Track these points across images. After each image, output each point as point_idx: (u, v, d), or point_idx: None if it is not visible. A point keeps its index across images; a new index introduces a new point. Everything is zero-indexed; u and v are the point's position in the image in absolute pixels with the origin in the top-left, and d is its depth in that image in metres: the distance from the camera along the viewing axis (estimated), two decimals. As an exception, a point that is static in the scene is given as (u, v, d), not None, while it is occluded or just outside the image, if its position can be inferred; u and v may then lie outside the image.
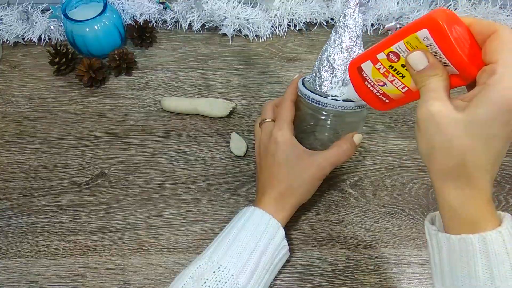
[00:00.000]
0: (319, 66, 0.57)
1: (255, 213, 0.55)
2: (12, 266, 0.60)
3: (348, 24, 0.54)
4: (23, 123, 0.74)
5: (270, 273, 0.54)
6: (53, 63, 0.79)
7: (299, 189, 0.57)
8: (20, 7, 0.84)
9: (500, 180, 0.68)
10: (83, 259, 0.61)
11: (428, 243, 0.43)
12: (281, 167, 0.57)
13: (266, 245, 0.53)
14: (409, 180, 0.68)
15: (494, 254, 0.37)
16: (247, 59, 0.83)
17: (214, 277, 0.49)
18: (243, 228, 0.54)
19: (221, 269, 0.49)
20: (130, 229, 0.63)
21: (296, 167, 0.57)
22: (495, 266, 0.37)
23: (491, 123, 0.36)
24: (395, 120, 0.75)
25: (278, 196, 0.57)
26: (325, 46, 0.57)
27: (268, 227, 0.54)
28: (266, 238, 0.53)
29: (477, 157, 0.37)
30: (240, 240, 0.52)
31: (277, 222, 0.55)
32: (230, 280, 0.49)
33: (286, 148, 0.57)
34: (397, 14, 0.85)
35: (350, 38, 0.54)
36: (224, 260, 0.50)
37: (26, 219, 0.64)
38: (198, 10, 0.84)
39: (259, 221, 0.54)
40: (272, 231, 0.54)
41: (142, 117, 0.75)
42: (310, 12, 0.85)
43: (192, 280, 0.49)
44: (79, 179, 0.68)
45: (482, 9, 0.85)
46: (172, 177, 0.68)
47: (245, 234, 0.53)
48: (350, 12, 0.54)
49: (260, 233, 0.53)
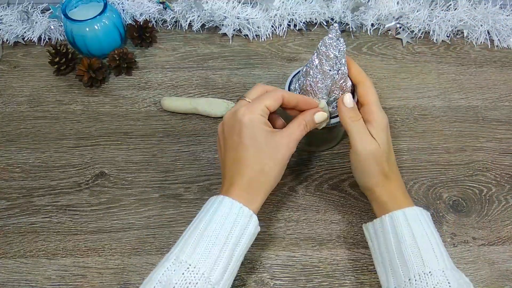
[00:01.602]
0: (303, 88, 0.58)
1: (223, 203, 0.50)
2: (12, 266, 0.60)
3: (329, 54, 0.55)
4: (23, 123, 0.74)
5: (241, 261, 0.51)
6: (53, 63, 0.79)
7: (272, 172, 0.52)
8: (20, 7, 0.84)
9: (500, 180, 0.68)
10: (83, 259, 0.61)
11: (368, 239, 0.56)
12: (249, 149, 0.51)
13: (238, 237, 0.49)
14: (409, 180, 0.68)
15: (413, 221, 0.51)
16: (247, 59, 0.83)
17: (184, 279, 0.45)
18: (211, 220, 0.49)
19: (190, 270, 0.45)
20: (130, 229, 0.63)
21: (266, 148, 0.51)
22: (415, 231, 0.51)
23: (386, 141, 0.56)
24: (394, 120, 0.75)
25: (249, 181, 0.51)
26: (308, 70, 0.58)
27: (239, 217, 0.49)
28: (238, 230, 0.49)
29: (390, 164, 0.56)
30: (209, 234, 0.48)
31: (248, 210, 0.50)
32: (201, 279, 0.45)
33: (253, 127, 0.51)
34: (397, 14, 0.85)
35: (331, 67, 0.56)
36: (192, 258, 0.46)
37: (26, 219, 0.64)
38: (198, 10, 0.84)
39: (228, 212, 0.49)
40: (244, 221, 0.49)
41: (142, 117, 0.75)
42: (310, 12, 0.85)
43: (161, 285, 0.45)
44: (79, 179, 0.68)
45: (482, 9, 0.85)
46: (172, 177, 0.68)
47: (214, 227, 0.48)
48: (331, 42, 0.55)
49: (230, 225, 0.48)
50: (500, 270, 0.60)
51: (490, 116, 0.76)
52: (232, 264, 0.48)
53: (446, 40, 0.86)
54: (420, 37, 0.87)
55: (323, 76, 0.56)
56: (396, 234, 0.51)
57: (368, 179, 0.56)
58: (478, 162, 0.70)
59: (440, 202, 0.66)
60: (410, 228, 0.51)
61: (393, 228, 0.51)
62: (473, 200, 0.66)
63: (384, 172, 0.55)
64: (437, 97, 0.78)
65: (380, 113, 0.56)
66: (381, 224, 0.53)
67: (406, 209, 0.52)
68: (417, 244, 0.49)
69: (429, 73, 0.82)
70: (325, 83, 0.56)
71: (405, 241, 0.50)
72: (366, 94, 0.56)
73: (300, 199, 0.66)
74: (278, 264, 0.61)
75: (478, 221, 0.64)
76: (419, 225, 0.51)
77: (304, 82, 0.58)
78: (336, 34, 0.55)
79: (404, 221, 0.51)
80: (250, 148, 0.51)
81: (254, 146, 0.51)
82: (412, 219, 0.52)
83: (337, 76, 0.56)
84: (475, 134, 0.73)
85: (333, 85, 0.57)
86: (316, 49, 0.56)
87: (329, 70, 0.56)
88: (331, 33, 0.55)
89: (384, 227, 0.52)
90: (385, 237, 0.52)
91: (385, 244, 0.52)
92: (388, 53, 0.85)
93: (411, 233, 0.50)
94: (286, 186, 0.67)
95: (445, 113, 0.76)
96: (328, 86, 0.57)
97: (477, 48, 0.86)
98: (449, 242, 0.62)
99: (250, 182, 0.51)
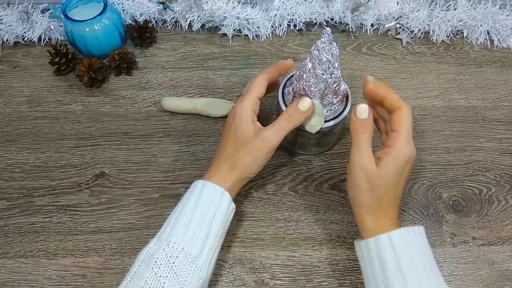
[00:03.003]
0: (296, 91, 0.59)
1: (197, 185, 0.55)
2: (12, 266, 0.60)
3: (322, 58, 0.55)
4: (23, 123, 0.74)
5: (221, 237, 0.55)
6: (53, 63, 0.79)
7: (241, 160, 0.56)
8: (20, 7, 0.84)
9: (499, 180, 0.68)
10: (83, 259, 0.61)
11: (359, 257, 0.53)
12: (230, 138, 0.57)
13: (213, 212, 0.53)
14: (409, 180, 0.68)
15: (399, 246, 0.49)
16: (247, 59, 0.84)
17: (165, 254, 0.49)
18: (187, 201, 0.54)
19: (170, 245, 0.49)
20: (130, 229, 0.63)
21: (244, 140, 0.56)
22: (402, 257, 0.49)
23: (396, 174, 0.52)
24: (395, 120, 0.75)
25: (221, 167, 0.57)
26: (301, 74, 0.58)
27: (210, 194, 0.54)
28: (212, 206, 0.53)
29: (389, 197, 0.52)
30: (185, 213, 0.52)
31: (220, 188, 0.54)
32: (181, 253, 0.49)
33: (240, 120, 0.57)
34: (397, 14, 0.85)
35: (324, 71, 0.56)
36: (172, 236, 0.50)
37: (26, 219, 0.64)
38: (198, 10, 0.84)
39: (200, 191, 0.54)
40: (216, 197, 0.54)
41: (142, 117, 0.75)
42: (310, 12, 0.85)
43: (144, 262, 0.49)
44: (79, 179, 0.68)
45: (482, 9, 0.85)
46: (172, 177, 0.68)
47: (189, 206, 0.53)
48: (324, 46, 0.55)
49: (204, 202, 0.53)
50: (500, 270, 0.60)
51: (490, 116, 0.76)
52: (211, 239, 0.52)
53: (446, 40, 0.86)
54: (420, 37, 0.87)
55: (316, 80, 0.56)
56: (380, 259, 0.49)
57: (355, 196, 0.54)
58: (478, 162, 0.70)
59: (440, 202, 0.66)
60: (395, 253, 0.49)
61: (378, 253, 0.50)
62: (473, 200, 0.67)
63: (375, 196, 0.52)
64: (437, 97, 0.78)
65: (406, 145, 0.51)
66: (366, 247, 0.51)
67: (392, 233, 0.50)
68: (402, 273, 0.48)
69: (429, 73, 0.82)
70: (318, 87, 0.56)
71: (389, 267, 0.49)
72: (400, 122, 0.52)
73: (300, 199, 0.66)
74: (278, 264, 0.61)
75: (478, 221, 0.65)
76: (405, 251, 0.49)
77: (297, 86, 0.58)
78: (328, 38, 0.55)
79: (389, 246, 0.49)
80: (232, 139, 0.57)
81: (235, 137, 0.57)
82: (398, 244, 0.49)
83: (330, 80, 0.56)
84: (475, 134, 0.73)
85: (326, 89, 0.57)
86: (309, 53, 0.56)
87: (322, 74, 0.56)
88: (323, 37, 0.55)
89: (369, 250, 0.51)
90: (370, 261, 0.51)
91: (370, 268, 0.51)
92: (388, 53, 0.85)
93: (396, 260, 0.48)
94: (286, 186, 0.67)
95: (445, 113, 0.76)
96: (321, 90, 0.57)
97: (477, 48, 0.86)
98: (448, 242, 0.63)
99: (224, 167, 0.56)
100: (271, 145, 0.56)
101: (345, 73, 0.79)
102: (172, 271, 0.48)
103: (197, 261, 0.50)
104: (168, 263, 0.48)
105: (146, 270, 0.48)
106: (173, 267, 0.48)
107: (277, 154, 0.70)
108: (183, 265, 0.49)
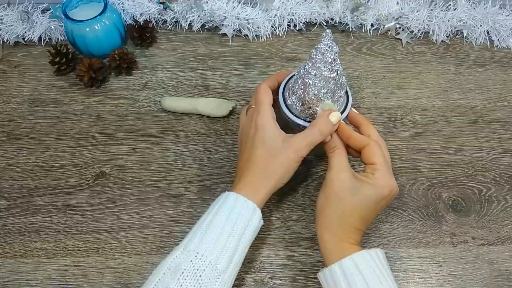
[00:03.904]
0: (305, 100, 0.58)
1: (229, 197, 0.54)
2: (13, 266, 0.60)
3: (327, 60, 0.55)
4: (23, 123, 0.74)
5: (246, 252, 0.53)
6: (54, 63, 0.79)
7: (275, 172, 0.55)
8: (21, 7, 0.84)
9: (499, 180, 0.68)
10: (83, 259, 0.61)
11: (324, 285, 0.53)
12: (257, 150, 0.56)
13: (243, 228, 0.52)
14: (408, 180, 0.68)
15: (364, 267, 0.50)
16: (247, 59, 0.84)
17: (192, 265, 0.48)
18: (218, 213, 0.52)
19: (198, 257, 0.48)
20: (130, 229, 0.63)
21: (272, 150, 0.55)
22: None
23: (372, 201, 0.53)
24: (394, 120, 0.75)
25: (253, 179, 0.55)
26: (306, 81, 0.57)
27: (243, 210, 0.52)
28: (243, 221, 0.52)
29: (354, 220, 0.53)
30: (215, 225, 0.51)
31: (252, 204, 0.53)
32: (208, 267, 0.48)
33: (264, 130, 0.56)
34: (396, 14, 0.85)
35: (331, 70, 0.56)
36: (200, 247, 0.49)
37: (27, 218, 0.64)
38: (198, 10, 0.84)
39: (233, 204, 0.53)
40: (248, 213, 0.53)
41: (142, 117, 0.75)
42: (310, 12, 0.85)
43: (170, 271, 0.48)
44: (79, 179, 0.68)
45: (482, 9, 0.85)
46: (172, 177, 0.68)
47: (220, 219, 0.51)
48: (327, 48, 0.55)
49: (235, 216, 0.52)
50: (500, 270, 0.60)
51: (489, 116, 0.76)
52: (238, 255, 0.51)
53: (446, 40, 0.86)
54: (419, 37, 0.87)
55: (325, 82, 0.56)
56: (348, 283, 0.49)
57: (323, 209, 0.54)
58: (478, 162, 0.70)
59: (440, 202, 0.66)
60: (361, 275, 0.49)
61: (345, 277, 0.49)
62: (473, 200, 0.67)
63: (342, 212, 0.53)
64: (437, 97, 0.78)
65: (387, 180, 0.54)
66: (331, 274, 0.51)
67: (355, 255, 0.50)
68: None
69: (428, 73, 0.82)
70: (328, 86, 0.56)
71: None
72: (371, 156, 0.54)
73: (300, 199, 0.66)
74: (278, 264, 0.61)
75: (478, 221, 0.65)
76: (370, 271, 0.49)
77: (305, 94, 0.57)
78: (330, 39, 0.55)
79: (354, 268, 0.50)
80: (258, 149, 0.56)
81: (262, 148, 0.56)
82: (363, 265, 0.50)
83: (337, 77, 0.57)
84: (475, 134, 0.73)
85: (335, 86, 0.57)
86: (309, 59, 0.56)
87: (330, 73, 0.56)
88: (325, 40, 0.55)
89: (334, 276, 0.50)
90: (337, 286, 0.50)
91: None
92: (387, 53, 0.85)
93: (363, 280, 0.49)
94: (286, 186, 0.67)
95: (445, 113, 0.76)
96: (331, 88, 0.57)
97: (477, 48, 0.86)
98: (448, 242, 0.63)
99: (253, 179, 0.55)
100: (300, 154, 0.55)
101: (344, 73, 0.79)
102: (197, 284, 0.47)
103: (222, 276, 0.49)
104: (194, 276, 0.47)
105: (172, 279, 0.47)
106: (199, 280, 0.47)
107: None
108: (209, 279, 0.48)
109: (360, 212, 0.53)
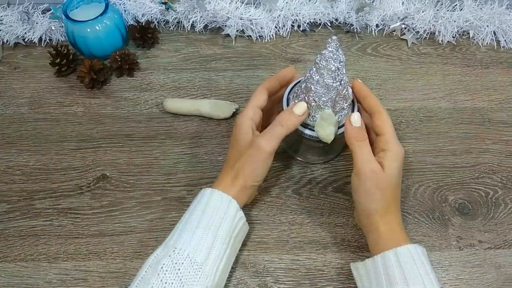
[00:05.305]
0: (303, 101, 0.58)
1: (205, 193, 0.56)
2: (13, 270, 0.60)
3: (331, 67, 0.55)
4: (23, 125, 0.74)
5: (230, 247, 0.54)
6: (54, 64, 0.79)
7: (242, 170, 0.56)
8: (21, 7, 0.84)
9: (506, 182, 0.68)
10: (84, 263, 0.60)
11: (357, 279, 0.54)
12: (231, 149, 0.59)
13: (220, 220, 0.53)
14: (414, 183, 0.67)
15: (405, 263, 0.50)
16: (250, 60, 0.83)
17: (171, 260, 0.49)
18: (195, 209, 0.54)
19: (176, 252, 0.50)
20: (132, 232, 0.63)
21: (241, 148, 0.57)
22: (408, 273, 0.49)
23: (399, 174, 0.55)
24: (400, 122, 0.74)
25: (225, 178, 0.57)
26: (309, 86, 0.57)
27: (218, 202, 0.54)
28: (219, 213, 0.53)
29: (396, 200, 0.55)
30: (192, 220, 0.53)
31: (227, 196, 0.55)
32: (186, 260, 0.49)
33: (239, 131, 0.58)
34: (402, 14, 0.84)
35: (334, 79, 0.55)
36: (178, 242, 0.51)
37: (27, 222, 0.64)
38: (200, 10, 0.83)
39: (208, 199, 0.55)
40: (223, 205, 0.54)
41: (144, 118, 0.74)
42: (314, 13, 0.84)
43: (151, 268, 0.49)
44: (80, 182, 0.67)
45: (488, 9, 0.84)
46: (175, 180, 0.68)
47: (197, 214, 0.54)
48: (331, 55, 0.54)
49: (211, 210, 0.54)
50: (507, 274, 0.60)
51: (496, 118, 0.75)
52: (218, 247, 0.52)
53: (452, 41, 0.85)
54: (425, 38, 0.86)
55: (326, 89, 0.56)
56: (388, 276, 0.50)
57: (368, 203, 0.54)
58: (484, 164, 0.70)
59: (446, 204, 0.65)
60: (401, 269, 0.49)
61: (385, 270, 0.50)
62: (479, 202, 0.66)
63: (386, 199, 0.54)
64: (443, 99, 0.77)
65: (397, 145, 0.55)
66: (373, 265, 0.52)
67: (398, 249, 0.51)
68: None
69: (434, 74, 0.81)
70: (329, 95, 0.56)
71: (397, 283, 0.48)
72: (383, 125, 0.56)
73: (304, 202, 0.66)
74: (281, 268, 0.60)
75: (484, 224, 0.64)
76: (411, 266, 0.50)
77: (306, 99, 0.57)
78: (335, 47, 0.54)
79: (395, 262, 0.50)
80: (232, 149, 0.59)
81: (235, 147, 0.58)
82: (404, 260, 0.50)
83: (340, 87, 0.56)
84: (481, 136, 0.73)
85: (337, 96, 0.56)
86: (314, 64, 0.56)
87: (332, 82, 0.55)
88: (330, 46, 0.54)
89: (377, 268, 0.51)
90: (377, 278, 0.51)
91: (376, 285, 0.51)
92: (393, 54, 0.84)
93: (403, 275, 0.49)
94: (290, 189, 0.67)
95: (451, 115, 0.75)
96: (332, 98, 0.56)
97: (483, 49, 0.85)
98: (454, 246, 0.62)
99: (228, 176, 0.57)
100: (265, 151, 0.56)
101: (349, 75, 0.79)
102: (177, 278, 0.48)
103: (203, 268, 0.50)
104: (173, 270, 0.49)
105: (153, 276, 0.48)
106: (179, 274, 0.49)
107: (281, 157, 0.70)
108: (189, 272, 0.49)
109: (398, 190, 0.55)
